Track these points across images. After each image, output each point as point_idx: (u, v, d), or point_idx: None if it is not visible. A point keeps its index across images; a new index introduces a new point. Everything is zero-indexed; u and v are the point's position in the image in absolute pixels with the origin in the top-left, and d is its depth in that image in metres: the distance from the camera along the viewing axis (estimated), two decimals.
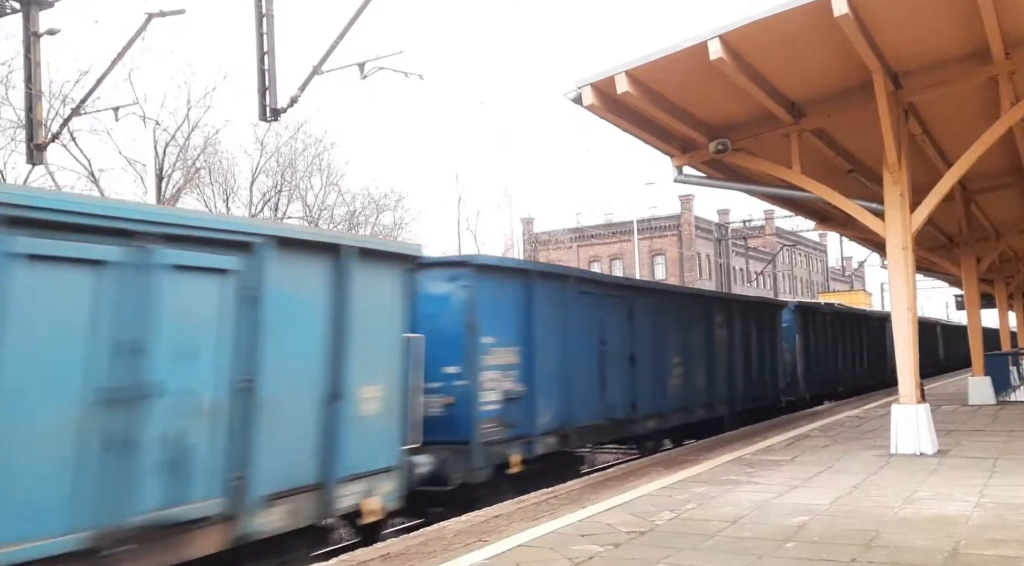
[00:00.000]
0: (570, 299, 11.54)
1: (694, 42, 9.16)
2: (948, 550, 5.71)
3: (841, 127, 12.09)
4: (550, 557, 5.85)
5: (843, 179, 13.43)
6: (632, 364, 12.86)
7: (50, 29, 15.17)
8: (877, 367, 27.48)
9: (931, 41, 10.06)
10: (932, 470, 9.15)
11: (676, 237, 63.16)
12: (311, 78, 14.07)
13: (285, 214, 32.71)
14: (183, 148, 28.23)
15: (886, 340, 26.38)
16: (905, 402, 10.50)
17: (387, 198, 36.54)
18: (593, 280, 13.46)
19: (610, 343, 12.37)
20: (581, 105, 10.18)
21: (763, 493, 8.08)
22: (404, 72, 15.27)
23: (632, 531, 6.58)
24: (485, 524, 7.20)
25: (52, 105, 21.83)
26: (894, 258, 10.72)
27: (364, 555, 6.25)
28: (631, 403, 12.79)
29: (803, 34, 9.33)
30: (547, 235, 61.55)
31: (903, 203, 10.63)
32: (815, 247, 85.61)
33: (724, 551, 5.87)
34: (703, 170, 13.05)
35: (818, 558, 5.60)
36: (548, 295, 11.03)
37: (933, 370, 34.02)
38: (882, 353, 27.62)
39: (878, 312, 32.56)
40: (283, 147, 32.49)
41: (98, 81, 16.19)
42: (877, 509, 7.14)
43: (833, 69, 10.42)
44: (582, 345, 11.67)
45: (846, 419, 15.79)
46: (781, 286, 71.41)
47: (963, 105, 11.77)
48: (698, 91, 10.65)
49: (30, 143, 15.22)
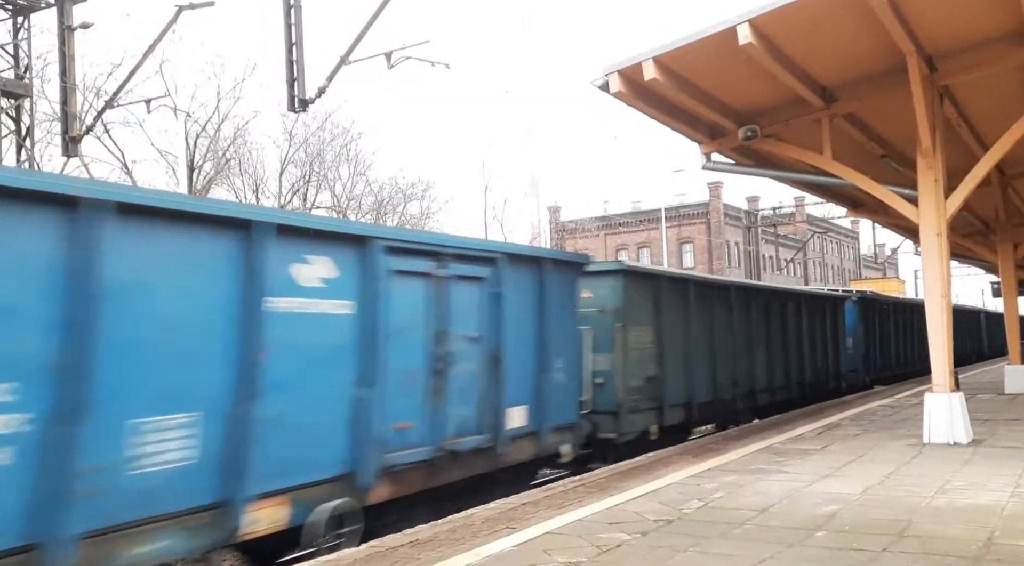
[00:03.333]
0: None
1: (722, 27, 9.05)
2: (982, 540, 5.63)
3: (873, 111, 11.89)
4: (577, 544, 5.87)
5: (875, 164, 13.21)
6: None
7: (83, 23, 15.43)
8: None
9: (966, 22, 9.83)
10: (966, 459, 9.02)
11: (704, 225, 62.59)
12: (339, 68, 14.16)
13: (313, 204, 32.97)
14: (213, 139, 28.56)
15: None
16: (939, 390, 10.34)
17: (414, 187, 36.67)
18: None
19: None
20: (608, 92, 10.12)
21: (793, 482, 8.02)
22: (430, 61, 15.31)
23: (660, 519, 6.58)
24: (513, 511, 7.24)
25: (86, 98, 22.25)
26: (928, 245, 10.54)
27: (394, 542, 6.31)
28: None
29: (834, 17, 9.17)
30: (574, 223, 61.34)
31: (937, 188, 10.43)
32: (847, 234, 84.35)
33: (753, 540, 5.84)
34: (732, 157, 12.92)
35: (848, 547, 5.56)
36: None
37: (976, 358, 35.74)
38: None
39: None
40: (311, 137, 32.73)
41: (130, 74, 16.45)
42: (909, 499, 7.06)
43: (865, 52, 10.23)
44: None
45: (878, 408, 15.60)
46: (812, 274, 70.56)
47: (1000, 87, 11.49)
48: (726, 77, 10.53)
49: (65, 135, 15.52)
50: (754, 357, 15.87)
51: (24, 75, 14.90)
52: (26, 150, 14.81)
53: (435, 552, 5.86)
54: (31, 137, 15.23)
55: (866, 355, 22.88)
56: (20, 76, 14.79)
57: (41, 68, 20.16)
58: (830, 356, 20.20)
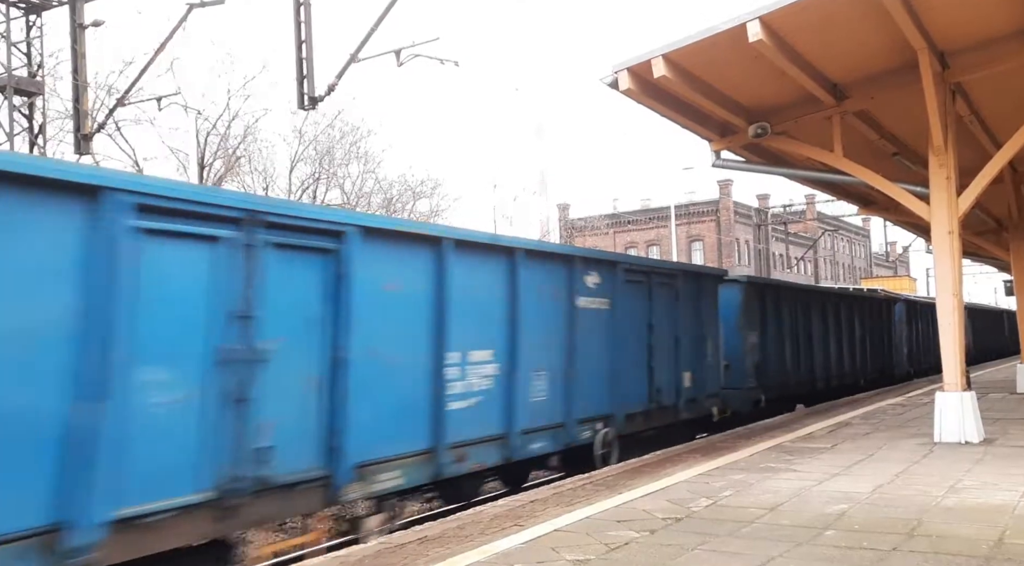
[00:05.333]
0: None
1: (732, 24, 9.01)
2: (993, 540, 5.60)
3: (885, 109, 11.81)
4: (586, 542, 5.88)
5: (887, 162, 13.14)
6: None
7: (95, 21, 15.50)
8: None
9: (979, 19, 9.75)
10: (977, 459, 8.97)
11: (714, 222, 62.38)
12: (348, 66, 14.17)
13: (323, 201, 33.04)
14: (224, 137, 28.63)
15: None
16: (950, 389, 10.29)
17: (423, 185, 36.69)
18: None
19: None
20: (617, 90, 10.10)
21: (802, 481, 8.00)
22: (440, 59, 15.27)
23: (668, 517, 6.57)
24: (521, 509, 7.24)
25: (98, 95, 22.34)
26: (940, 243, 10.48)
27: (402, 538, 6.34)
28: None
29: (845, 13, 9.12)
30: (583, 221, 61.24)
31: (949, 186, 10.37)
32: (858, 232, 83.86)
33: (762, 538, 5.83)
34: (742, 154, 12.87)
35: (858, 546, 5.54)
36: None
37: (995, 356, 38.20)
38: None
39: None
40: (321, 135, 32.78)
41: (141, 71, 16.49)
42: (920, 498, 7.03)
43: (876, 49, 10.17)
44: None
45: (888, 407, 15.53)
46: (823, 272, 70.21)
47: (1013, 84, 11.40)
48: (737, 74, 10.49)
49: (77, 133, 15.60)
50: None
51: (36, 73, 14.99)
52: (38, 148, 14.90)
53: (444, 549, 5.87)
54: (43, 135, 15.31)
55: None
56: (33, 74, 14.88)
57: (53, 66, 20.23)
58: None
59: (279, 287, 6.27)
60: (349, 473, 6.71)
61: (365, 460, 6.88)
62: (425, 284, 7.70)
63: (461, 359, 8.03)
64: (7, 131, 14.15)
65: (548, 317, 9.53)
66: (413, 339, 7.56)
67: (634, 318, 11.22)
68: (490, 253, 8.69)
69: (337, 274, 6.77)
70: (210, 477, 5.70)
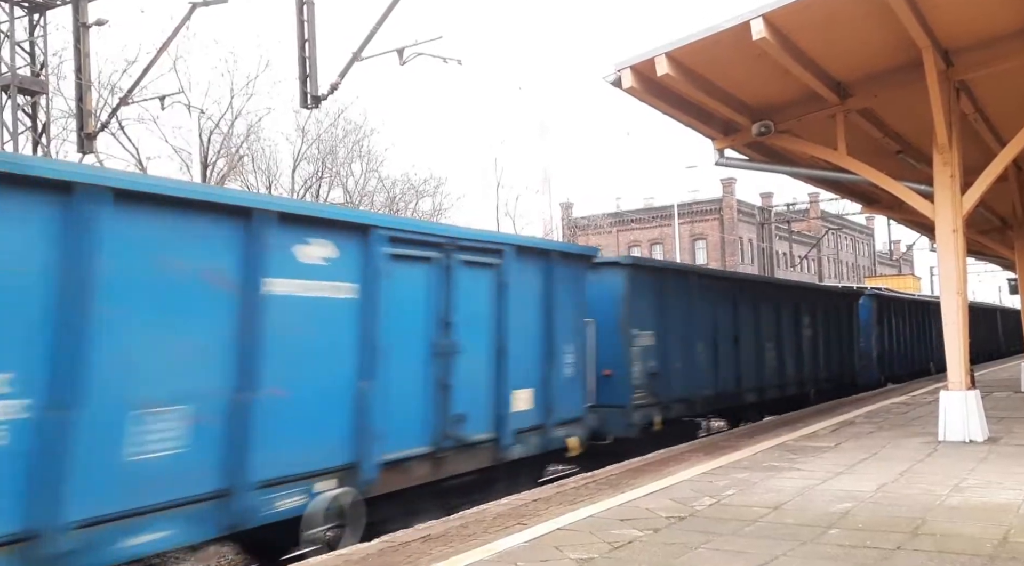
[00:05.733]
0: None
1: (736, 22, 8.99)
2: (997, 539, 5.58)
3: (889, 107, 11.78)
4: (589, 541, 5.87)
5: (891, 160, 13.10)
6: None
7: (98, 20, 15.53)
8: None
9: (983, 16, 9.72)
10: (982, 458, 8.94)
11: (718, 221, 62.38)
12: (351, 65, 14.18)
13: (326, 200, 33.06)
14: (227, 136, 28.69)
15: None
16: (954, 388, 10.26)
17: (426, 184, 36.72)
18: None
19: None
20: (620, 88, 10.09)
21: (806, 479, 7.99)
22: (443, 57, 15.29)
23: (672, 516, 6.57)
24: (524, 508, 7.24)
25: (101, 94, 22.39)
26: (944, 241, 10.45)
27: (406, 537, 6.34)
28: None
29: (848, 11, 9.10)
30: (586, 220, 61.21)
31: (953, 184, 10.34)
32: (862, 230, 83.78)
33: (765, 537, 5.82)
34: (745, 153, 12.84)
35: (862, 545, 5.53)
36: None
37: (984, 358, 36.17)
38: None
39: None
40: (324, 134, 32.83)
41: (144, 70, 16.53)
42: (924, 496, 7.02)
43: (880, 47, 10.14)
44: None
45: (892, 405, 15.50)
46: (826, 270, 70.13)
47: (1018, 82, 11.35)
48: (740, 72, 10.47)
49: (80, 132, 15.62)
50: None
51: (40, 72, 15.01)
52: (42, 147, 14.93)
53: (447, 547, 5.87)
54: (47, 134, 15.34)
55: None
56: (36, 73, 14.90)
57: (57, 65, 20.32)
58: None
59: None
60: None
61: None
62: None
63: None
64: (11, 130, 14.17)
65: (182, 311, 5.84)
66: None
67: (409, 313, 7.77)
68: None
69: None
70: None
